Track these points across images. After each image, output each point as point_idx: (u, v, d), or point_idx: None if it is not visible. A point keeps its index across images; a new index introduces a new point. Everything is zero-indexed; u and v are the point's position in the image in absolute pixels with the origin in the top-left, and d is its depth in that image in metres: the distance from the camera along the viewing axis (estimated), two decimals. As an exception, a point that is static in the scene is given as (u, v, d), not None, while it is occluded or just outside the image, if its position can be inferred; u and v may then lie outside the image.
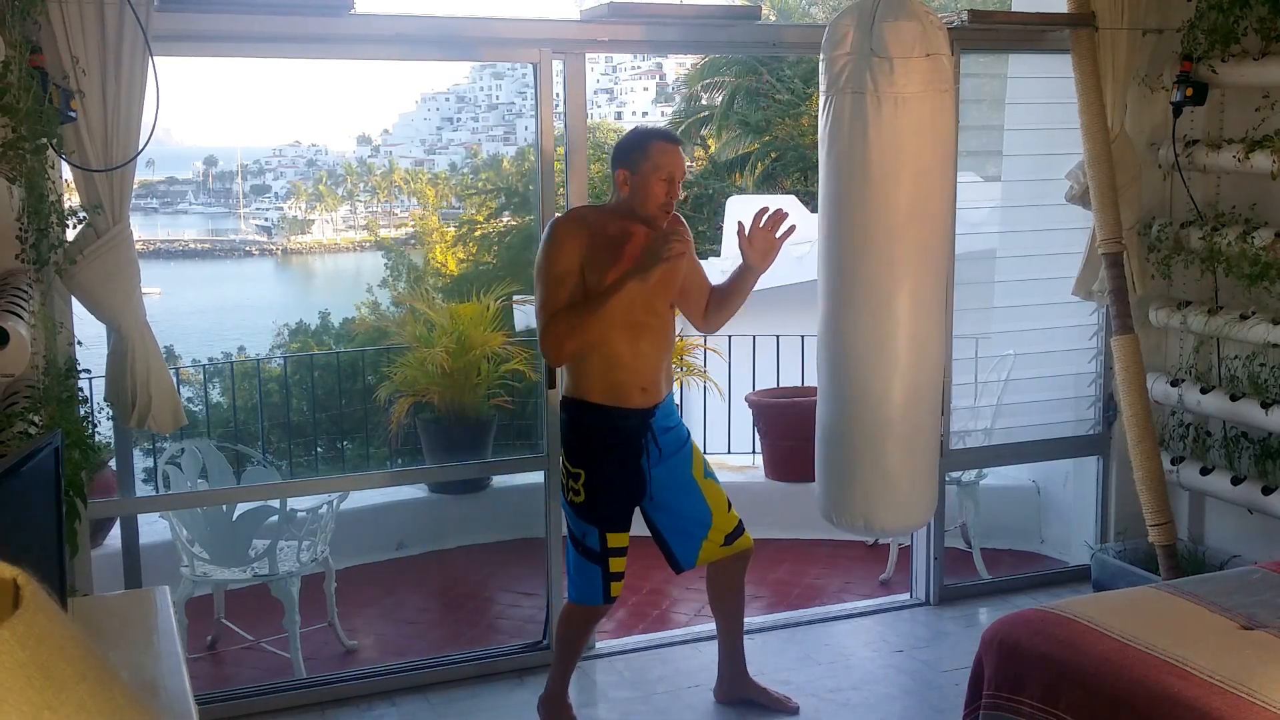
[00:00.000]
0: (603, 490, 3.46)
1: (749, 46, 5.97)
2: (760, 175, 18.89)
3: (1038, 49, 4.57)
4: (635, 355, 3.41)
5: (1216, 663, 2.75)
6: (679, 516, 3.60)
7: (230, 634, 4.51)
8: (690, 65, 22.61)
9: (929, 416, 3.70)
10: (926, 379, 3.65)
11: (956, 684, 3.72)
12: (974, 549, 5.02)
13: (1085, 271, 4.54)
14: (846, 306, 3.59)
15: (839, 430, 3.66)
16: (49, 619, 0.58)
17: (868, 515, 3.67)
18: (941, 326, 3.78)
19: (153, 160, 44.64)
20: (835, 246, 3.60)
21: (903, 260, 3.52)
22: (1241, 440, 4.41)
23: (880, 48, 3.40)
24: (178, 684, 2.10)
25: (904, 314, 3.55)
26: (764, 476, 5.87)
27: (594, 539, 3.48)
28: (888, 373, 3.57)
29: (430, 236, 25.79)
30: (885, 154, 3.44)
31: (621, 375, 3.40)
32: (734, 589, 3.82)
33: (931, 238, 3.57)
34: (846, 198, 3.54)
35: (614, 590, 3.53)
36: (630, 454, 3.47)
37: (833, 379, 3.65)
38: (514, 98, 55.69)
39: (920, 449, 3.67)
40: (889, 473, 3.63)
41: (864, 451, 3.63)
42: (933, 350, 3.67)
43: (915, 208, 3.50)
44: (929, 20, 3.46)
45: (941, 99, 3.48)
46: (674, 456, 3.56)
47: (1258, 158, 4.11)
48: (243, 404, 8.31)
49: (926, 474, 3.74)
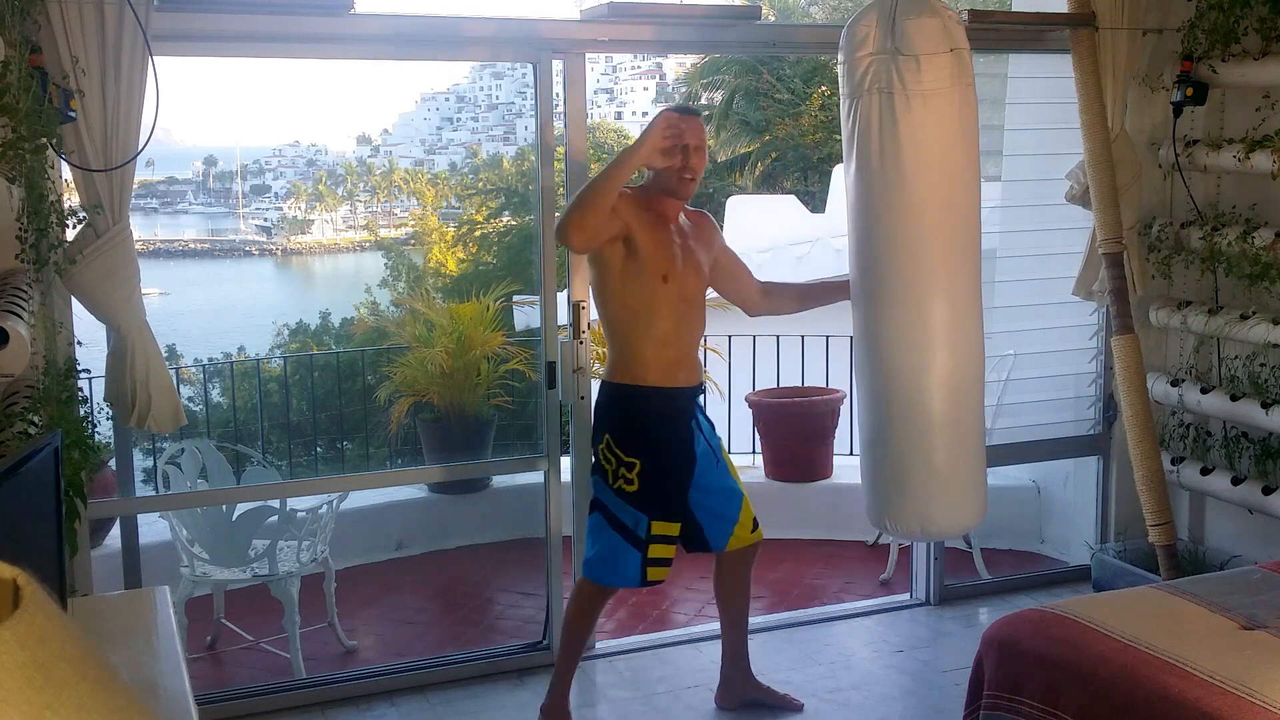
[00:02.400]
0: (659, 479, 3.48)
1: (749, 46, 5.97)
2: (760, 175, 18.89)
3: (1038, 49, 4.57)
4: (680, 334, 3.48)
5: (1216, 663, 2.74)
6: (716, 498, 3.63)
7: (230, 634, 4.51)
8: (690, 65, 22.61)
9: (973, 414, 3.65)
10: (967, 376, 3.61)
11: (956, 684, 3.72)
12: (974, 549, 5.02)
13: (1085, 271, 4.54)
14: (882, 309, 3.56)
15: (883, 434, 3.63)
16: (49, 619, 0.58)
17: (923, 519, 3.64)
18: (979, 323, 3.69)
19: (152, 160, 44.61)
20: (869, 250, 3.56)
21: (939, 259, 3.50)
22: (1242, 440, 4.41)
23: (905, 45, 3.38)
24: (178, 684, 2.10)
25: (941, 314, 3.51)
26: (764, 476, 5.87)
27: (643, 527, 3.48)
28: (927, 373, 3.53)
29: (430, 236, 25.78)
30: (918, 152, 3.42)
31: (672, 353, 3.46)
32: (743, 583, 3.84)
33: (964, 234, 3.55)
34: (878, 200, 3.50)
35: (652, 575, 3.54)
36: (684, 437, 3.53)
37: (873, 383, 3.63)
38: (514, 98, 55.68)
39: (966, 447, 3.63)
40: (938, 474, 3.59)
41: (910, 454, 3.59)
42: (972, 348, 3.62)
43: (947, 205, 3.49)
44: (948, 15, 3.46)
45: (966, 93, 3.49)
46: (713, 438, 3.65)
47: (1258, 158, 4.11)
48: (242, 404, 8.30)
49: (975, 472, 3.71)
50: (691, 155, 3.40)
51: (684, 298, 3.46)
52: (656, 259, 3.40)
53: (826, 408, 5.83)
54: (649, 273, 3.40)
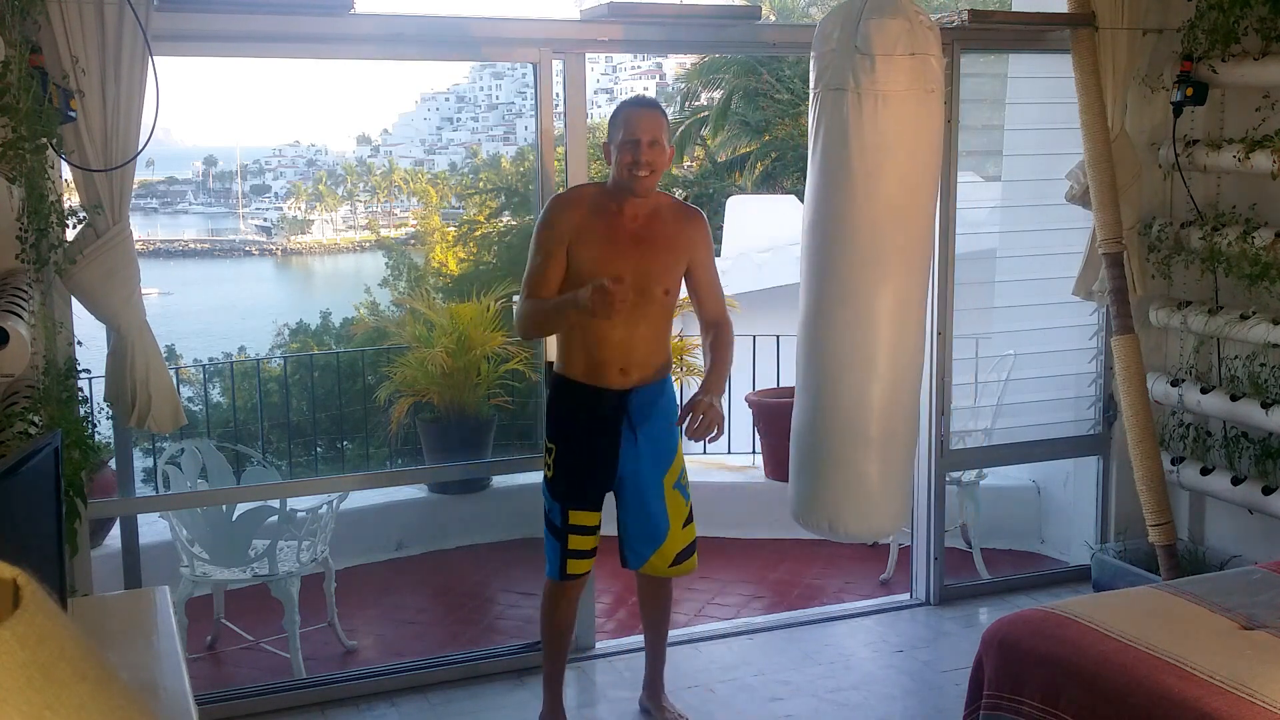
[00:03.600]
0: (571, 468, 3.45)
1: (749, 46, 5.97)
2: (759, 175, 18.89)
3: (1038, 49, 4.57)
4: (621, 337, 3.34)
5: (1216, 663, 2.74)
6: (638, 516, 3.53)
7: (230, 634, 4.50)
8: (690, 65, 22.61)
9: (906, 421, 3.68)
10: (904, 383, 3.63)
11: (956, 684, 3.72)
12: (974, 549, 5.02)
13: (1085, 271, 4.54)
14: (823, 305, 3.60)
15: (812, 429, 3.65)
16: (49, 619, 0.58)
17: (833, 518, 3.66)
18: (921, 330, 3.75)
19: (152, 160, 44.64)
20: (815, 244, 3.61)
21: (882, 260, 3.52)
22: (1242, 440, 4.41)
23: (864, 44, 3.41)
24: (178, 684, 2.10)
25: (883, 314, 3.54)
26: (764, 476, 5.88)
27: (557, 514, 3.47)
28: (864, 374, 3.57)
29: (431, 236, 25.78)
30: (866, 151, 3.44)
31: (603, 354, 3.37)
32: (658, 611, 3.81)
33: (914, 239, 3.57)
34: (827, 195, 3.55)
35: (571, 568, 3.49)
36: (602, 435, 3.42)
37: (809, 378, 3.66)
38: (514, 98, 55.70)
39: (894, 454, 3.65)
40: (860, 476, 3.62)
41: (835, 452, 3.62)
42: (910, 354, 3.65)
43: (898, 207, 3.50)
44: (917, 20, 3.46)
45: (926, 99, 3.48)
46: (652, 453, 3.48)
47: (1258, 158, 4.11)
48: (242, 404, 8.30)
49: (899, 480, 3.72)
50: (644, 150, 3.25)
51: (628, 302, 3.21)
52: (595, 270, 3.26)
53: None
54: (585, 280, 3.24)
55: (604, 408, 3.41)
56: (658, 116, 3.36)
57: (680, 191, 19.78)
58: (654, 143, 3.28)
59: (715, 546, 5.50)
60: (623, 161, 3.28)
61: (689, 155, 21.08)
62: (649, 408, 3.45)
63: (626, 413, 3.42)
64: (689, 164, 21.41)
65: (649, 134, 3.28)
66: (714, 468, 6.17)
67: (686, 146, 20.56)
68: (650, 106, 3.43)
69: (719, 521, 5.68)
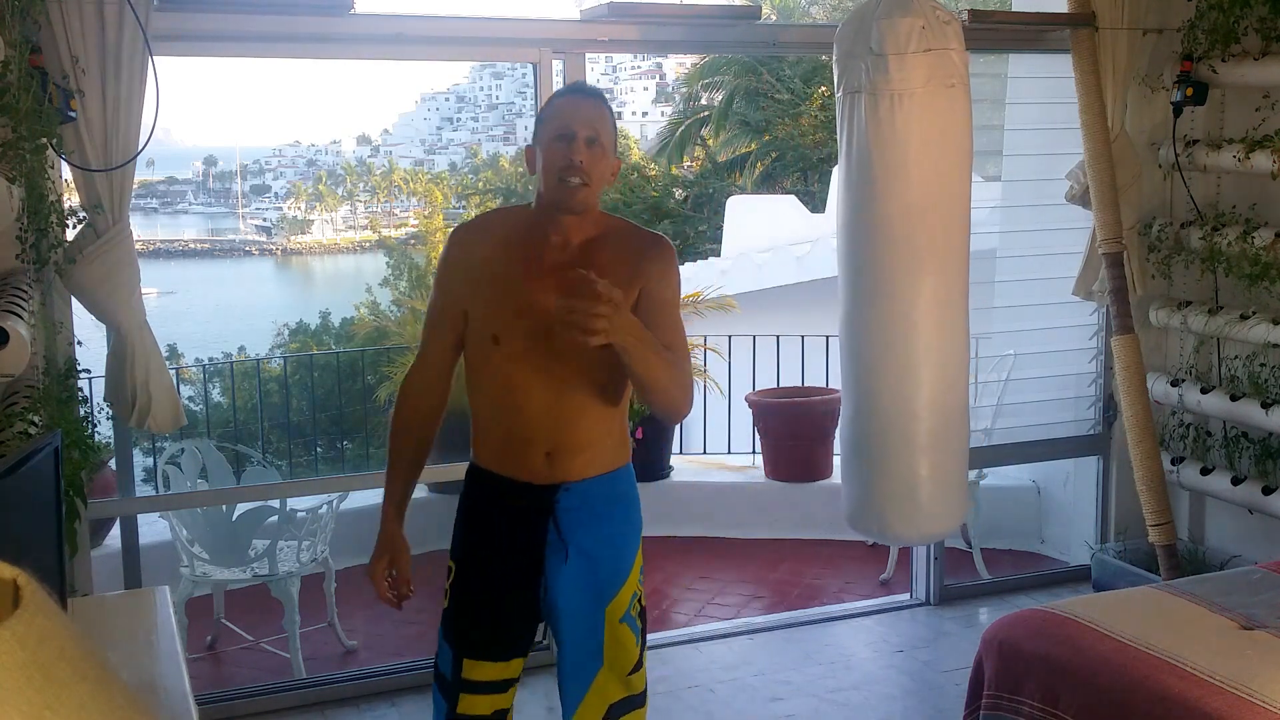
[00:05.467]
0: (472, 597, 2.50)
1: (749, 46, 5.97)
2: (760, 175, 18.91)
3: (1038, 49, 4.57)
4: (542, 404, 2.36)
5: (1216, 663, 2.74)
6: (569, 653, 2.47)
7: (230, 634, 4.51)
8: (690, 65, 22.61)
9: (954, 421, 3.65)
10: (948, 383, 3.60)
11: (956, 684, 3.72)
12: (974, 549, 5.02)
13: (1085, 271, 4.54)
14: (860, 305, 3.60)
15: (858, 432, 3.64)
16: (49, 619, 0.58)
17: (882, 523, 3.64)
18: (962, 327, 3.68)
19: (152, 160, 44.67)
20: (848, 246, 3.62)
21: (914, 259, 3.52)
22: (1242, 440, 4.41)
23: (877, 45, 3.42)
24: (178, 684, 2.10)
25: (919, 314, 3.53)
26: (764, 476, 5.87)
27: (447, 662, 2.52)
28: (902, 376, 3.55)
29: (434, 236, 25.79)
30: (887, 151, 3.45)
31: (519, 430, 2.40)
32: None
33: (946, 236, 3.56)
34: (856, 197, 3.55)
35: None
36: (520, 551, 2.42)
37: (853, 381, 3.65)
38: (514, 98, 55.75)
39: (945, 454, 3.62)
40: (908, 479, 3.59)
41: (881, 455, 3.60)
42: (953, 353, 3.63)
43: (926, 205, 3.50)
44: (934, 16, 3.46)
45: (948, 94, 3.49)
46: (589, 576, 2.41)
47: (1258, 158, 4.11)
48: (242, 404, 8.30)
49: (952, 481, 3.68)
50: (579, 149, 2.27)
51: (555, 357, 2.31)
52: (489, 315, 2.39)
53: (826, 408, 5.83)
54: (477, 331, 2.44)
55: (519, 509, 2.42)
56: (600, 108, 2.37)
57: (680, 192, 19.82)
58: (592, 140, 2.29)
59: (715, 546, 5.49)
60: (551, 165, 2.30)
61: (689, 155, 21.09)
62: (585, 511, 2.40)
63: (553, 517, 2.39)
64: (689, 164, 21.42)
65: (587, 128, 2.29)
66: (714, 468, 6.17)
67: (687, 146, 20.58)
68: (591, 95, 2.44)
69: (719, 521, 5.68)
